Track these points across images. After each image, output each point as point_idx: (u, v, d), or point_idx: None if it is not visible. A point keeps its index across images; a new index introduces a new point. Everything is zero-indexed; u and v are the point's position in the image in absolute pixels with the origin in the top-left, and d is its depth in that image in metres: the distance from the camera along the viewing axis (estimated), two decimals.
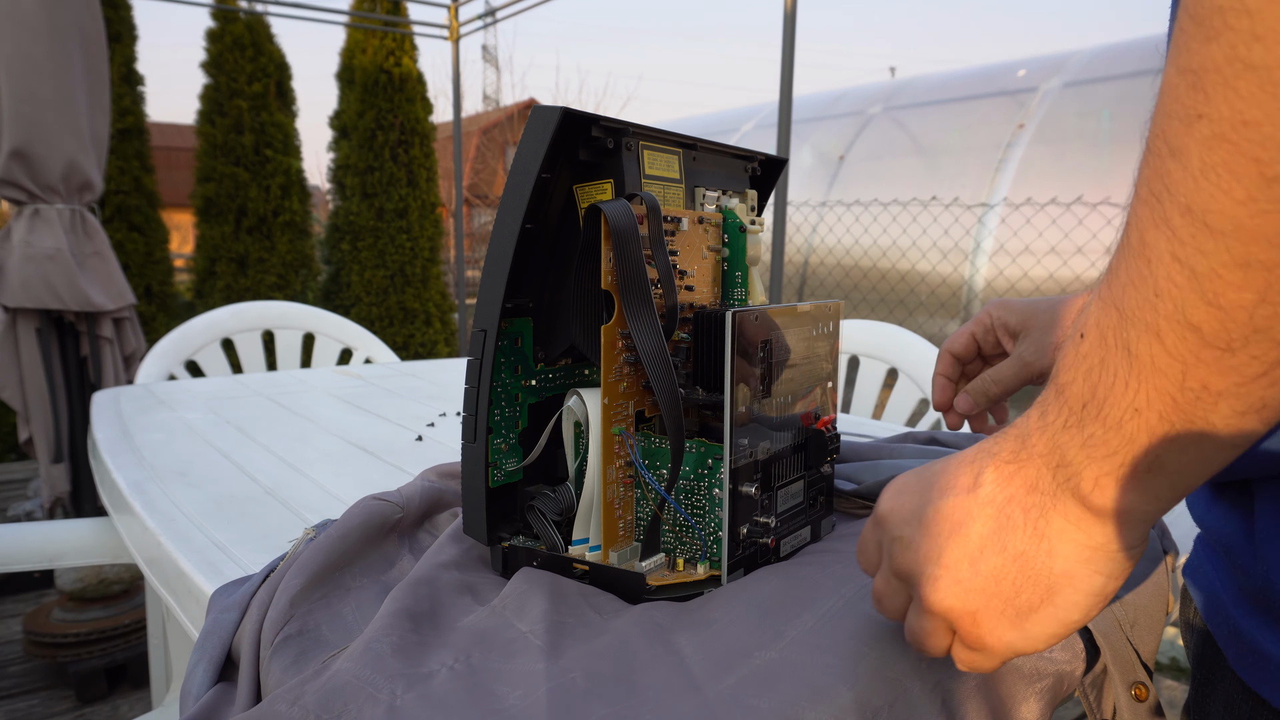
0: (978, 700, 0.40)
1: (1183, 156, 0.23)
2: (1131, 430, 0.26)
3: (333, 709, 0.37)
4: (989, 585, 0.31)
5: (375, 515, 0.54)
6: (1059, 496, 0.29)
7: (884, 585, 0.36)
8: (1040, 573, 0.30)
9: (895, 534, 0.35)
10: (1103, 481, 0.27)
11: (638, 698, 0.38)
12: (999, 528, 0.30)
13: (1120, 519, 0.28)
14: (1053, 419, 0.29)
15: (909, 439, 0.77)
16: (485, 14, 3.63)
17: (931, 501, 0.33)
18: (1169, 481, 0.27)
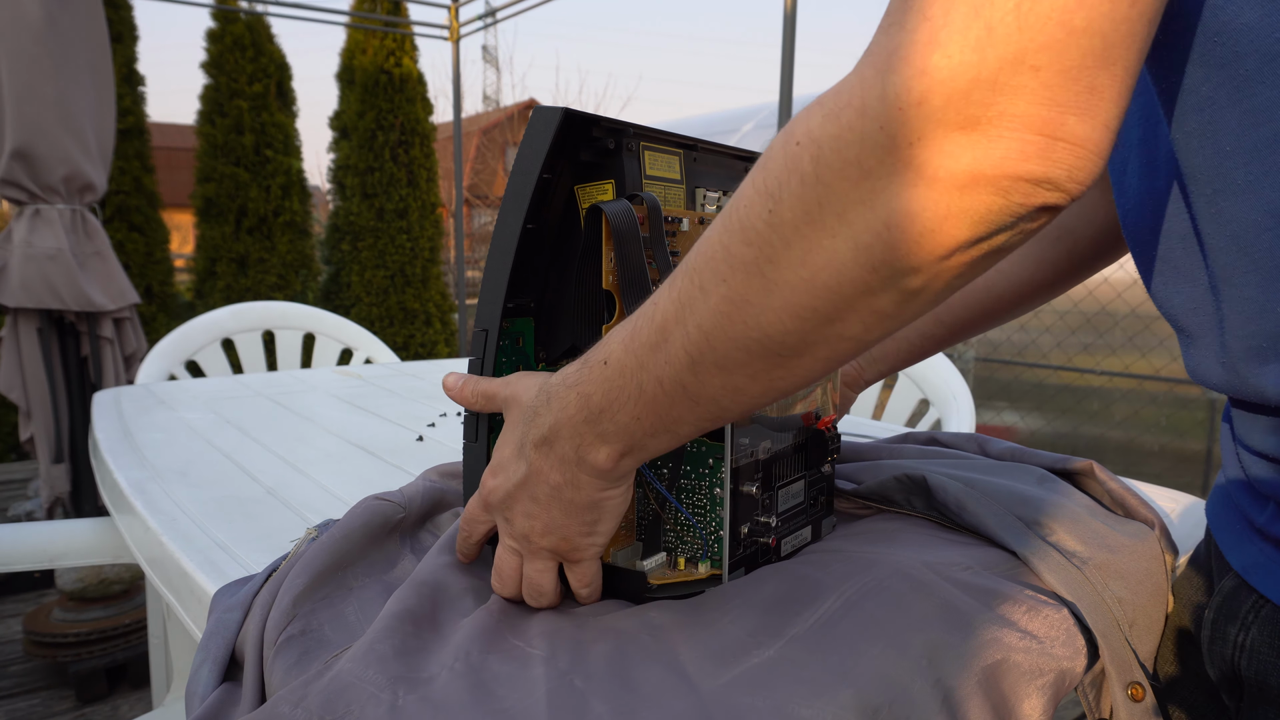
0: (979, 698, 0.41)
1: (706, 296, 0.34)
2: (632, 429, 0.40)
3: (335, 710, 0.37)
4: (563, 520, 0.44)
5: (377, 515, 0.55)
6: (582, 465, 0.42)
7: (504, 550, 0.47)
8: (586, 506, 0.43)
9: (499, 509, 0.46)
10: (610, 455, 0.41)
11: (635, 696, 0.38)
12: (552, 489, 0.43)
13: (618, 473, 0.42)
14: (574, 414, 0.41)
15: (909, 439, 0.78)
16: (485, 14, 3.63)
17: (509, 479, 0.45)
18: (652, 454, 0.41)
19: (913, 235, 0.29)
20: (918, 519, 0.60)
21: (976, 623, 0.44)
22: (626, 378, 0.38)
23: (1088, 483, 0.63)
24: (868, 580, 0.47)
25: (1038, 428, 3.09)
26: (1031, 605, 0.46)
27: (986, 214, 0.29)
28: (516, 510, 0.45)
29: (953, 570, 0.49)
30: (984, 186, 0.28)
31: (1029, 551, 0.51)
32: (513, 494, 0.45)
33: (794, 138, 0.32)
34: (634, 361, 0.38)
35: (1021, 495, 0.57)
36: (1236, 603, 0.44)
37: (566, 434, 0.41)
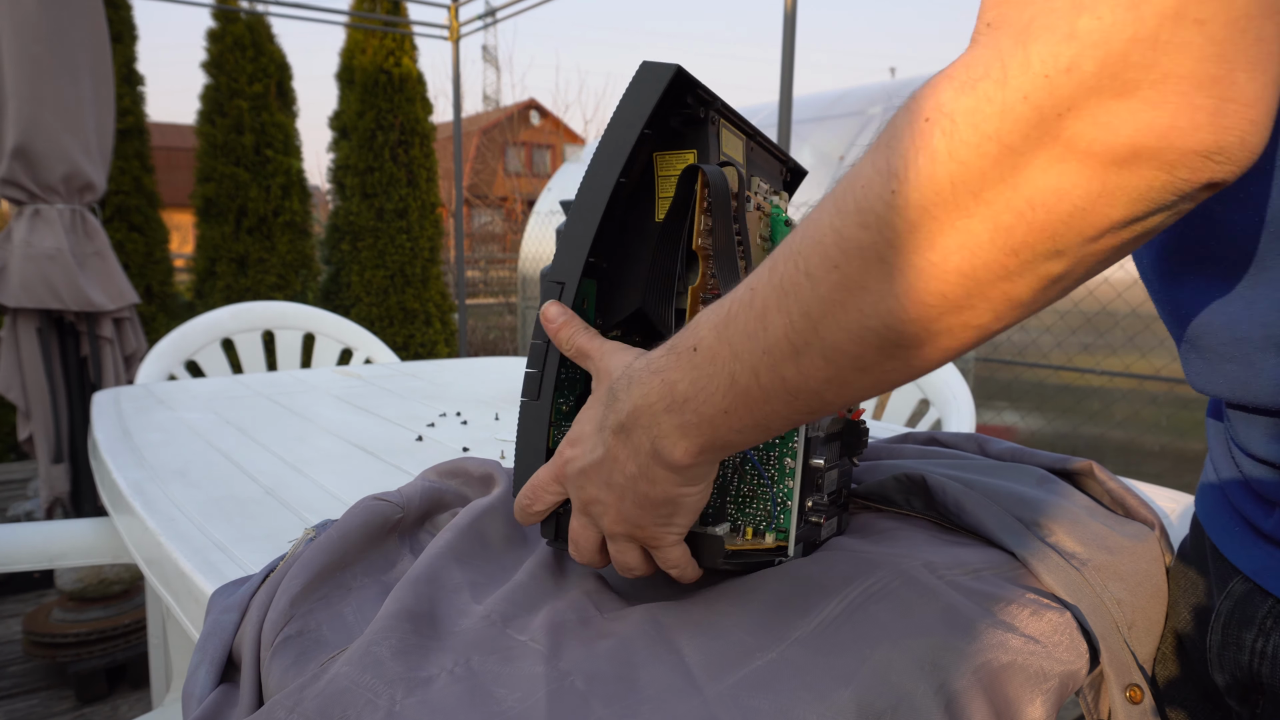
0: (983, 703, 0.40)
1: (814, 283, 0.32)
2: (717, 423, 0.37)
3: (332, 715, 0.37)
4: (638, 511, 0.42)
5: (376, 515, 0.54)
6: (657, 458, 0.40)
7: (579, 525, 0.46)
8: (661, 501, 0.42)
9: (574, 485, 0.44)
10: (688, 450, 0.39)
11: (637, 697, 0.38)
12: (626, 478, 0.41)
13: (695, 470, 0.41)
14: (654, 401, 0.39)
15: (908, 439, 0.78)
16: (485, 14, 3.63)
17: (586, 456, 0.43)
18: (729, 449, 0.39)
19: (1060, 215, 0.27)
20: (917, 519, 0.60)
21: (979, 627, 0.44)
22: (718, 366, 0.36)
23: (1087, 483, 0.63)
24: (870, 583, 0.47)
25: (1038, 428, 3.09)
26: (1035, 609, 0.46)
27: (1146, 191, 0.26)
28: (590, 490, 0.43)
29: (954, 573, 0.49)
30: (1146, 161, 0.25)
31: (1028, 553, 0.51)
32: (588, 472, 0.43)
33: (921, 113, 0.29)
34: (728, 350, 0.36)
35: (1021, 496, 0.57)
36: (1251, 608, 0.43)
37: (644, 423, 0.39)
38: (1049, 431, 3.06)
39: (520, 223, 9.69)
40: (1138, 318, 2.76)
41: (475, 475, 0.64)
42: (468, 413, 1.13)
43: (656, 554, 0.45)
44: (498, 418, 1.10)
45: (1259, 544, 0.43)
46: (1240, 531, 0.45)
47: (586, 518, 0.45)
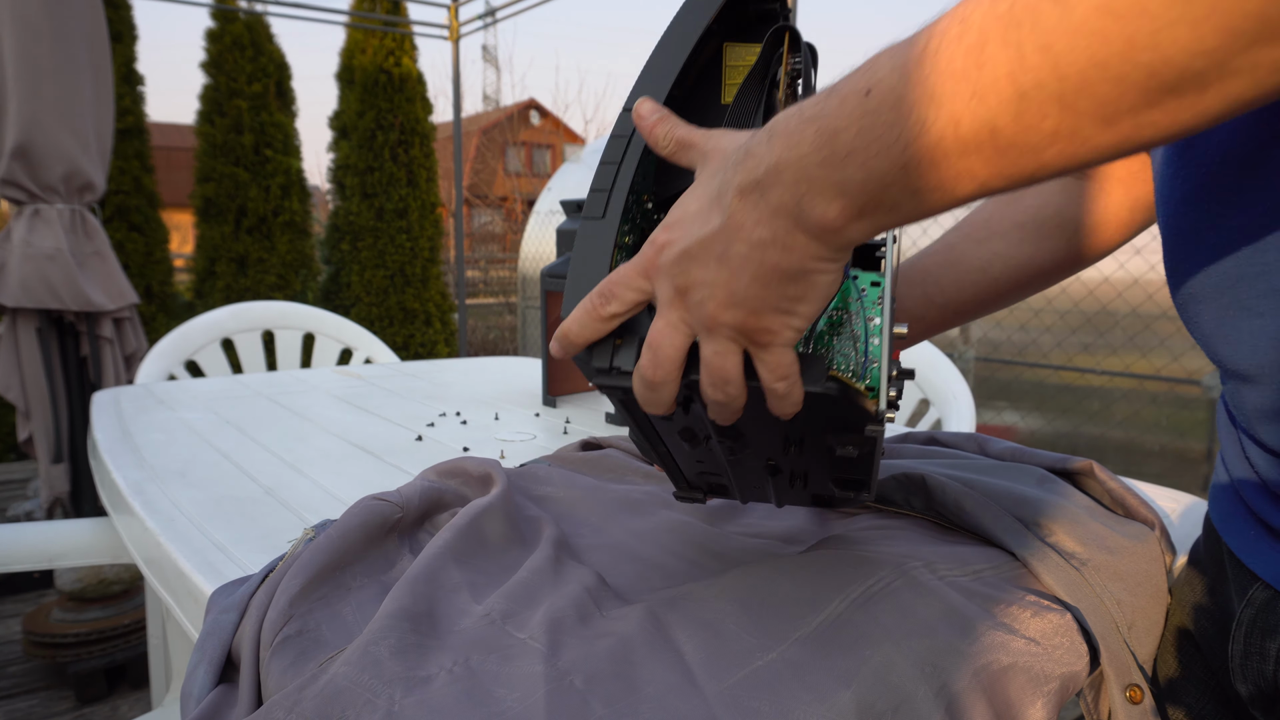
0: (984, 705, 0.40)
1: (1065, 8, 0.26)
2: (886, 182, 0.31)
3: (331, 714, 0.37)
4: (758, 290, 0.36)
5: (375, 515, 0.54)
6: (801, 220, 0.34)
7: (665, 325, 0.39)
8: (791, 275, 0.35)
9: (672, 270, 0.38)
10: (842, 212, 0.33)
11: (637, 697, 0.38)
12: (752, 246, 0.35)
13: (844, 239, 0.34)
14: (807, 153, 0.33)
15: (908, 439, 0.78)
16: (485, 14, 3.63)
17: (694, 232, 0.37)
18: (892, 220, 0.33)
19: None
20: (917, 519, 0.60)
21: (980, 628, 0.44)
22: (902, 112, 0.30)
23: (1087, 483, 0.63)
24: (870, 584, 0.47)
25: (1038, 428, 3.09)
26: (1035, 610, 0.46)
27: None
28: (695, 272, 0.37)
29: (955, 573, 0.49)
30: None
31: (1028, 553, 0.51)
32: (693, 251, 0.37)
33: None
34: (919, 93, 0.30)
35: (1021, 496, 0.56)
36: (1274, 616, 0.42)
37: (790, 178, 0.33)
38: (1049, 431, 3.06)
39: (520, 223, 9.69)
40: (1138, 318, 2.76)
41: (475, 475, 0.64)
42: (468, 413, 1.13)
43: (764, 357, 0.38)
44: (497, 418, 1.10)
45: (1276, 549, 0.42)
46: (1256, 536, 0.44)
47: (681, 311, 0.38)
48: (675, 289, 0.38)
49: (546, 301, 1.19)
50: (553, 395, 1.21)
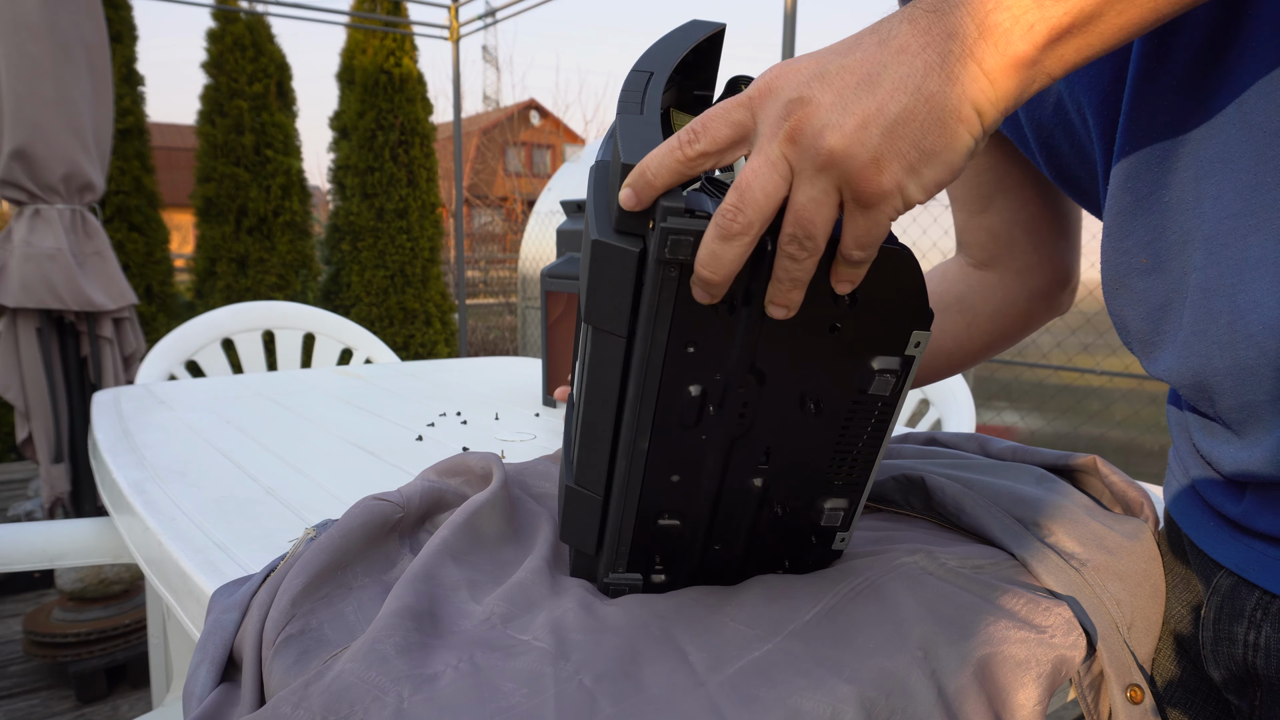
0: (974, 688, 0.41)
1: None
2: None
3: (339, 711, 0.37)
4: (897, 127, 0.31)
5: (376, 515, 0.55)
6: (981, 44, 0.30)
7: (762, 162, 0.33)
8: (948, 116, 0.31)
9: (791, 95, 0.32)
10: (1037, 31, 0.30)
11: (643, 695, 0.38)
12: (912, 71, 0.31)
13: (1027, 76, 0.31)
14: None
15: (908, 439, 0.78)
16: (485, 14, 3.63)
17: (835, 60, 0.32)
18: (1086, 44, 0.31)
19: None
20: (917, 519, 0.60)
21: (973, 614, 0.44)
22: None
23: (1088, 480, 0.63)
24: (866, 577, 0.47)
25: (1038, 428, 3.09)
26: (1030, 598, 0.46)
27: None
28: (823, 97, 0.32)
29: (954, 563, 0.49)
30: None
31: (1027, 553, 0.51)
32: (830, 73, 0.32)
33: None
34: None
35: (1020, 496, 0.57)
36: (1238, 601, 0.43)
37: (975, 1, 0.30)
38: (1049, 431, 3.06)
39: (520, 223, 9.69)
40: None
41: (477, 472, 0.64)
42: (468, 413, 1.13)
43: (859, 219, 0.33)
44: (498, 418, 1.10)
45: (1236, 537, 0.44)
46: (1215, 526, 0.45)
47: (787, 146, 0.32)
48: (788, 118, 0.32)
49: (547, 301, 1.19)
50: (553, 395, 1.21)
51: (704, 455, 0.44)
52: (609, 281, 0.39)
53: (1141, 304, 0.45)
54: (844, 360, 0.41)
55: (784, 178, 0.33)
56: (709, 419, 0.43)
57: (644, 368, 0.40)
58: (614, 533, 0.46)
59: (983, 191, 0.64)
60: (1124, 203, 0.45)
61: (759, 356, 0.41)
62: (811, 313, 0.39)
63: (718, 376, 0.41)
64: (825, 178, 0.32)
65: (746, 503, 0.46)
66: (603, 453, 0.44)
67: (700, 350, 0.40)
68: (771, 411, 0.43)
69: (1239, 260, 0.38)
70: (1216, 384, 0.41)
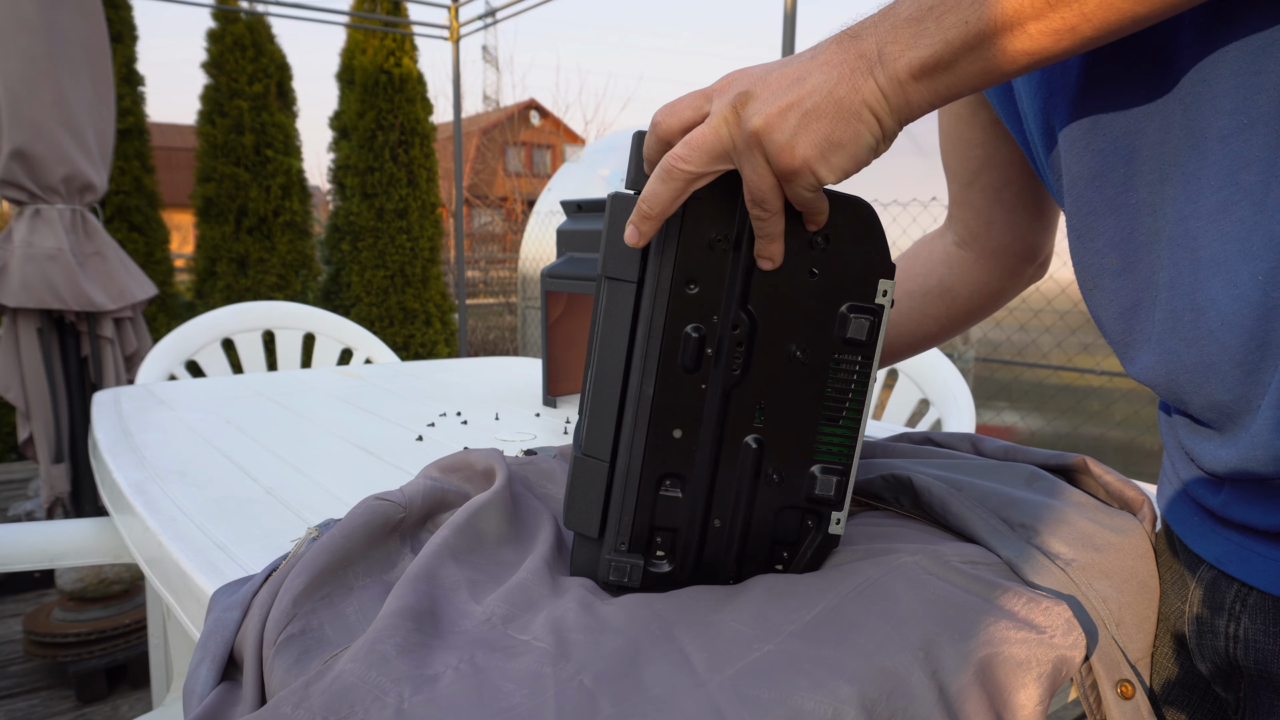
0: (975, 688, 0.41)
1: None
2: (954, 35, 0.37)
3: (339, 711, 0.37)
4: (809, 118, 0.40)
5: (378, 515, 0.55)
6: (880, 65, 0.39)
7: (708, 125, 0.42)
8: (851, 115, 0.40)
9: (739, 89, 0.42)
10: (917, 63, 0.38)
11: (643, 695, 0.38)
12: (828, 79, 0.40)
13: (909, 98, 0.40)
14: (900, 10, 0.39)
15: (904, 439, 0.78)
16: (485, 14, 3.63)
17: (777, 67, 0.42)
18: (952, 83, 0.39)
19: None
20: (910, 518, 0.60)
21: (973, 615, 0.44)
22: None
23: (1083, 479, 0.63)
24: (866, 577, 0.48)
25: (1038, 428, 3.09)
26: (1030, 597, 0.46)
27: None
28: (761, 91, 0.41)
29: (952, 561, 0.49)
30: None
31: (1012, 555, 0.51)
32: (768, 78, 0.41)
33: None
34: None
35: (1008, 497, 0.57)
36: (1218, 593, 0.44)
37: (882, 29, 0.39)
38: (1049, 431, 3.06)
39: (520, 223, 9.69)
40: None
41: (479, 469, 0.64)
42: (468, 413, 1.13)
43: (787, 188, 0.42)
44: (498, 418, 1.10)
45: (1216, 530, 0.45)
46: (1199, 520, 0.47)
47: (729, 120, 0.42)
48: (734, 102, 0.41)
49: (546, 301, 1.19)
50: (553, 395, 1.21)
51: (703, 405, 0.47)
52: (624, 228, 0.46)
53: (1114, 304, 0.47)
54: (823, 305, 0.47)
55: (724, 140, 0.42)
56: (708, 364, 0.47)
57: (651, 308, 0.46)
58: (618, 503, 0.49)
59: (971, 166, 0.68)
60: (1092, 202, 0.47)
61: (751, 298, 0.47)
62: (792, 258, 0.46)
63: (715, 318, 0.47)
64: (757, 153, 0.41)
65: (743, 466, 0.49)
66: (611, 408, 0.48)
67: (701, 290, 0.46)
68: (763, 362, 0.47)
69: (1195, 260, 0.41)
70: (1186, 381, 0.42)
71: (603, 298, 0.48)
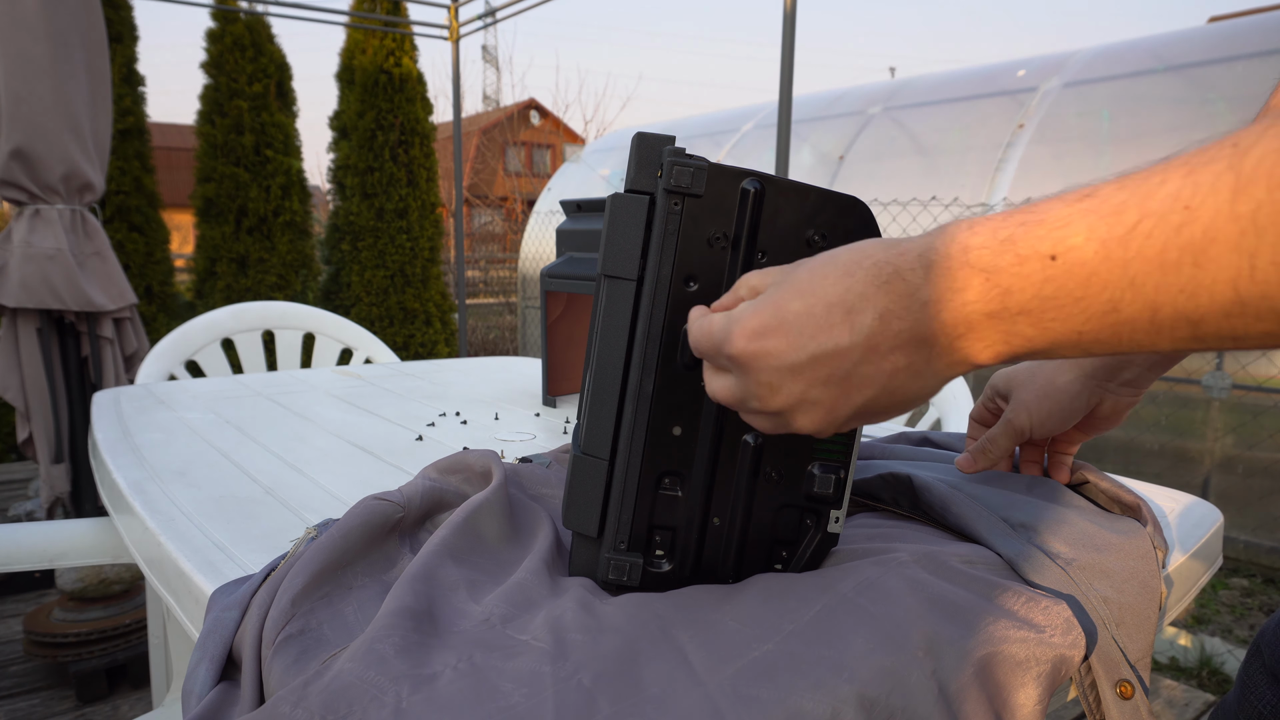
0: (975, 687, 0.41)
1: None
2: (1058, 340, 0.31)
3: (338, 710, 0.37)
4: (863, 410, 0.36)
5: (377, 515, 0.55)
6: (950, 353, 0.34)
7: (723, 390, 0.39)
8: (911, 400, 0.36)
9: (763, 379, 0.37)
10: (1002, 356, 0.33)
11: (642, 695, 0.38)
12: (883, 373, 0.35)
13: (987, 363, 0.34)
14: (972, 300, 0.32)
15: (902, 439, 0.78)
16: (485, 14, 3.63)
17: (816, 355, 0.35)
18: (1037, 358, 0.33)
19: None
20: (908, 518, 0.60)
21: (973, 614, 0.44)
22: (1092, 289, 0.29)
23: (1083, 487, 0.63)
24: (864, 576, 0.47)
25: None
26: (1030, 596, 0.46)
27: None
28: (794, 389, 0.36)
29: (951, 560, 0.49)
30: None
31: (1013, 554, 0.51)
32: (800, 366, 0.35)
33: None
34: (1115, 275, 0.28)
35: (1008, 498, 0.57)
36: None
37: (949, 319, 0.32)
38: None
39: (520, 223, 9.69)
40: None
41: (476, 470, 0.64)
42: (468, 413, 1.13)
43: (786, 428, 0.39)
44: (497, 417, 1.10)
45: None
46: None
47: (761, 416, 0.38)
48: (765, 393, 0.37)
49: (546, 301, 1.19)
50: (553, 395, 1.21)
51: (702, 403, 0.48)
52: (624, 228, 0.47)
53: None
54: None
55: (729, 390, 0.39)
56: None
57: (651, 305, 0.46)
58: (617, 502, 0.49)
59: None
60: None
61: None
62: (790, 257, 0.45)
63: None
64: (758, 419, 0.39)
65: (742, 464, 0.49)
66: (610, 406, 0.48)
67: (700, 287, 0.46)
68: None
69: None
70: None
71: (602, 296, 0.48)
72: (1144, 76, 3.19)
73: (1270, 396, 2.50)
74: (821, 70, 46.91)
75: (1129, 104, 3.14)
